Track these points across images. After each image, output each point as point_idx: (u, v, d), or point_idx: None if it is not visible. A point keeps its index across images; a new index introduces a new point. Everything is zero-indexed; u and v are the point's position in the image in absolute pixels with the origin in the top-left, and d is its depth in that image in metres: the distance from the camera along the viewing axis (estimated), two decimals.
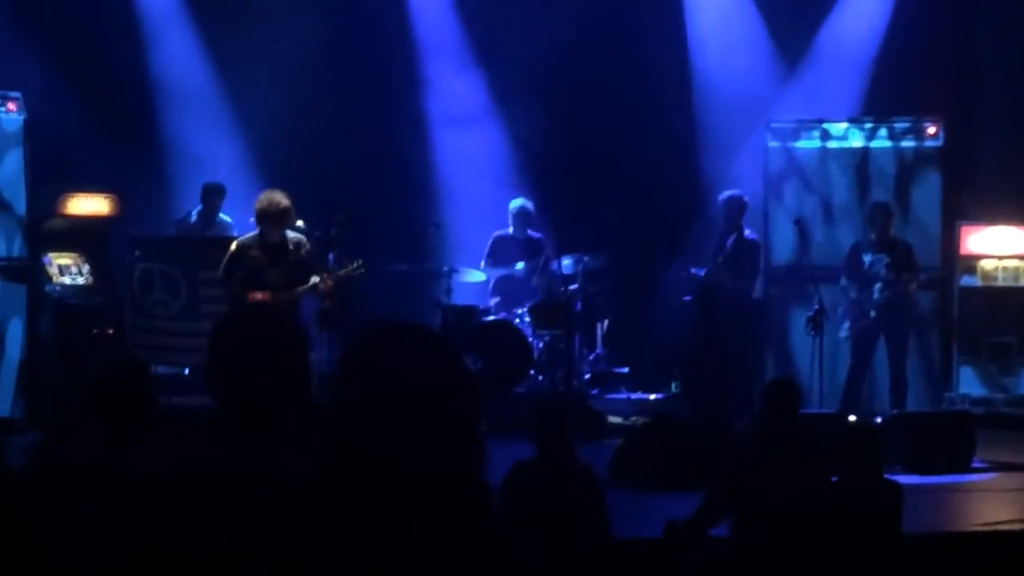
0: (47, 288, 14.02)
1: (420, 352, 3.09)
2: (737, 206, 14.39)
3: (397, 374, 3.04)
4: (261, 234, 12.02)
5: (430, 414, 3.02)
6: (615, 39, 16.27)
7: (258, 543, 3.25)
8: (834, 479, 7.76)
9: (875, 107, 15.77)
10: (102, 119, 15.57)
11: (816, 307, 13.38)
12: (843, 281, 14.10)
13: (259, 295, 11.82)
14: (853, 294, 14.00)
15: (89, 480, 4.66)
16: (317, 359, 11.70)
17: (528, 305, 14.70)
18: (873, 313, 13.92)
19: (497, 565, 3.11)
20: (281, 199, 11.95)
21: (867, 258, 14.03)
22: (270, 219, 11.92)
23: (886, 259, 13.97)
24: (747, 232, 14.36)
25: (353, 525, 2.98)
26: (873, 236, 14.13)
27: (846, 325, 14.00)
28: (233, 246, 12.19)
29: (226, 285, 12.21)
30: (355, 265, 12.41)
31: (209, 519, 3.40)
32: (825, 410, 13.13)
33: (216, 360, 3.71)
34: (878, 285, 13.91)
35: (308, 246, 12.28)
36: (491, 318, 14.75)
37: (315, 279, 12.06)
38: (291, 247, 12.09)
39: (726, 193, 14.57)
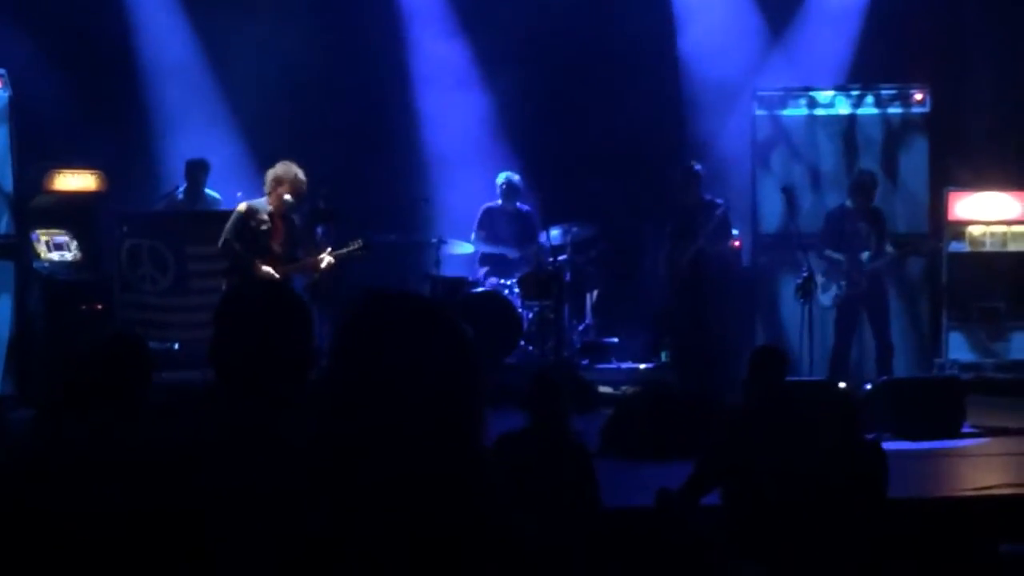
0: (35, 265, 13.99)
1: (418, 319, 3.09)
2: (696, 175, 14.38)
3: (395, 341, 3.04)
4: (270, 201, 11.98)
5: (429, 381, 3.02)
6: (601, 7, 16.25)
7: (257, 515, 3.25)
8: (820, 446, 7.78)
9: (862, 74, 15.78)
10: (88, 95, 15.54)
11: (805, 274, 13.39)
12: (827, 251, 14.09)
13: (265, 268, 11.80)
14: (837, 258, 13.99)
15: (85, 455, 4.66)
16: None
17: (517, 276, 14.71)
18: (865, 282, 13.93)
19: (496, 533, 3.12)
20: (299, 171, 11.94)
21: (851, 226, 14.04)
22: (284, 187, 11.89)
23: (868, 228, 13.99)
24: (707, 198, 14.40)
25: (352, 494, 2.98)
26: (855, 203, 14.11)
27: (830, 293, 14.01)
28: (243, 207, 12.03)
29: (229, 248, 11.97)
30: (355, 246, 12.37)
31: (211, 492, 3.41)
32: (814, 377, 13.16)
33: (222, 334, 3.71)
34: (866, 254, 13.92)
35: (299, 223, 12.34)
36: (480, 289, 14.75)
37: (323, 256, 12.09)
38: (292, 222, 12.14)
39: (685, 165, 14.52)
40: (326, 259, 12.12)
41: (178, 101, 16.30)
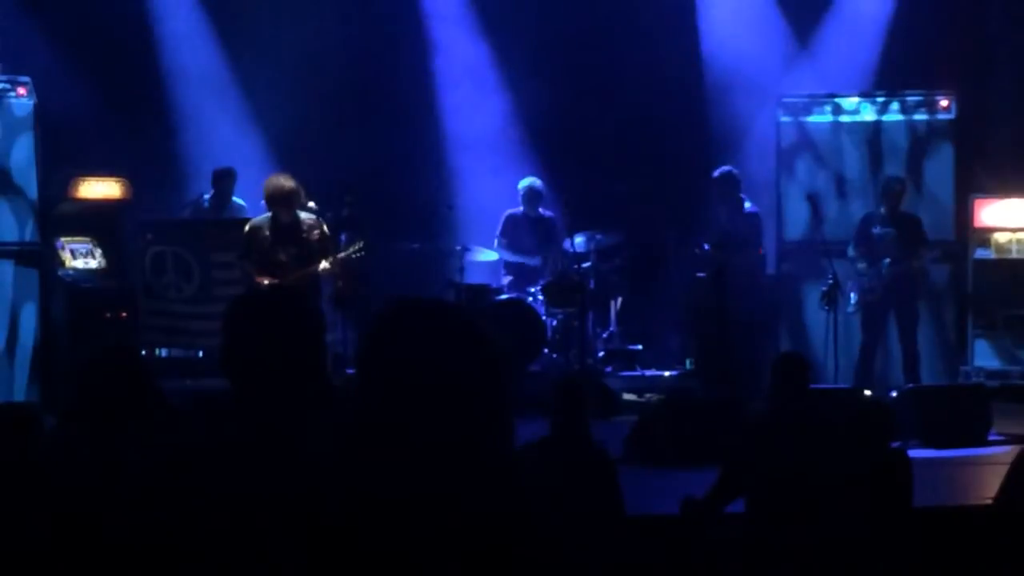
0: (60, 272, 14.03)
1: (446, 327, 3.08)
2: (732, 181, 14.41)
3: (422, 348, 3.03)
4: (272, 216, 12.13)
5: (457, 388, 3.01)
6: (625, 14, 16.23)
7: (274, 524, 3.24)
8: (846, 454, 7.74)
9: (887, 81, 15.73)
10: (112, 103, 15.56)
11: (830, 282, 13.38)
12: (851, 252, 14.10)
13: (266, 280, 11.90)
14: (861, 266, 14.00)
15: (100, 462, 4.66)
16: (331, 340, 11.69)
17: (541, 284, 14.70)
18: (881, 289, 13.90)
19: (525, 540, 3.10)
20: (284, 181, 12.10)
21: (876, 231, 14.02)
22: (275, 201, 12.08)
23: (894, 233, 13.96)
24: (747, 205, 14.41)
25: (378, 502, 2.97)
26: (884, 210, 14.11)
27: (854, 299, 13.99)
28: (246, 228, 12.29)
29: (240, 267, 12.37)
30: (355, 248, 12.43)
31: (224, 502, 3.39)
32: (840, 385, 13.12)
33: (231, 340, 3.69)
34: (887, 260, 13.89)
35: (323, 229, 12.31)
36: (504, 297, 14.74)
37: (323, 264, 12.15)
38: (304, 229, 12.15)
39: (719, 169, 14.58)
40: (323, 264, 12.15)
41: (202, 108, 16.32)
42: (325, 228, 12.36)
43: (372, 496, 2.96)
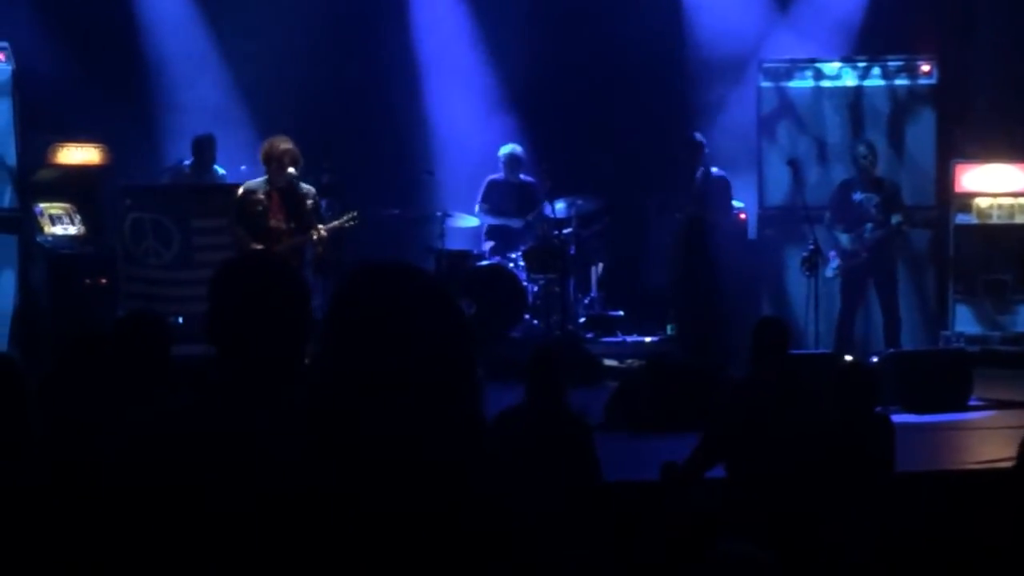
0: (39, 238, 13.99)
1: (410, 289, 3.07)
2: (699, 146, 14.32)
3: (388, 311, 3.02)
4: (268, 179, 12.03)
5: (422, 351, 3.00)
6: None
7: (255, 488, 3.22)
8: (828, 418, 7.75)
9: (868, 45, 15.69)
10: (92, 68, 15.45)
11: (811, 247, 13.36)
12: (827, 218, 14.07)
13: (259, 246, 11.82)
14: (840, 233, 13.98)
15: (81, 430, 4.64)
16: (313, 306, 11.63)
17: (522, 249, 14.67)
18: (865, 254, 13.90)
19: (487, 504, 3.09)
20: (281, 142, 11.98)
21: (857, 197, 14.01)
22: (271, 162, 11.94)
23: (876, 199, 13.96)
24: (714, 170, 14.31)
25: (345, 467, 2.95)
26: (860, 175, 14.09)
27: (834, 264, 13.97)
28: (240, 190, 12.16)
29: (232, 232, 12.21)
30: (348, 216, 12.38)
31: (210, 467, 3.38)
32: (820, 350, 13.13)
33: (217, 307, 3.67)
34: (869, 225, 13.89)
35: (316, 198, 12.23)
36: (485, 263, 14.71)
37: (314, 231, 12.11)
38: (299, 195, 12.05)
39: (687, 136, 14.47)
40: (316, 234, 12.12)
41: (182, 73, 16.22)
42: (316, 199, 12.28)
43: (339, 456, 2.95)
